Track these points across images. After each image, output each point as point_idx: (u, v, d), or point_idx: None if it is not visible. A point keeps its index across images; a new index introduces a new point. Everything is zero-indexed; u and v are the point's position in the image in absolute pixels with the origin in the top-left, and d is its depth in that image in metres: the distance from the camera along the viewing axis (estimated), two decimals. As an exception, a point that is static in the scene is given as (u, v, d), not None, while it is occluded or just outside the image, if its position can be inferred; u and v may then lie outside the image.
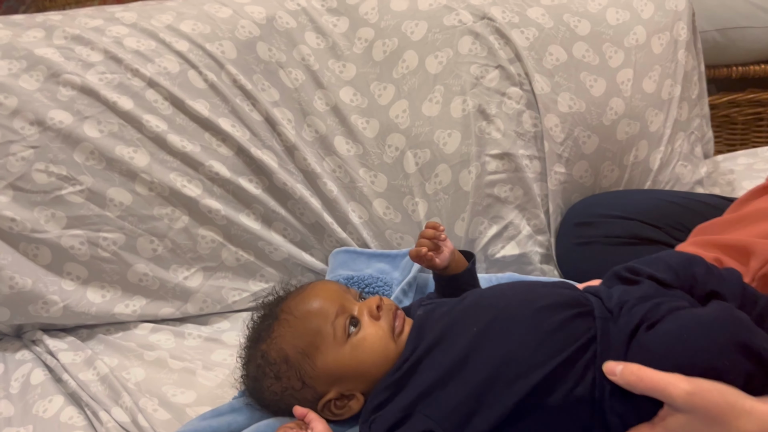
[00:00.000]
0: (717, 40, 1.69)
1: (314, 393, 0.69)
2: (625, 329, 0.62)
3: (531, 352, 0.62)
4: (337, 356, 0.68)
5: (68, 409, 0.80)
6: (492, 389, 0.62)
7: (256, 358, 0.71)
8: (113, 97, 0.96)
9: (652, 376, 0.57)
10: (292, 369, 0.68)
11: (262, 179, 1.01)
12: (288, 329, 0.69)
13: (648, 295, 0.64)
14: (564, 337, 0.63)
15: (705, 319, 0.59)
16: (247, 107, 1.02)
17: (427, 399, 0.64)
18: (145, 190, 0.96)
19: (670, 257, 0.69)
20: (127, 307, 0.96)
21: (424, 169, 1.03)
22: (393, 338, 0.69)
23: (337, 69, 1.07)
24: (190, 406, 0.80)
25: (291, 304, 0.71)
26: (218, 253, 1.00)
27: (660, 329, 0.60)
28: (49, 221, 0.93)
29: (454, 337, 0.66)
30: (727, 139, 1.86)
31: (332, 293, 0.72)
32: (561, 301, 0.66)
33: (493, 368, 0.63)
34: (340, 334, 0.68)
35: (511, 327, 0.65)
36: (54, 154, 0.93)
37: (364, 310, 0.71)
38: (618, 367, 0.60)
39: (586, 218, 1.00)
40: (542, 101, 1.04)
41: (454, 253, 0.82)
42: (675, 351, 0.58)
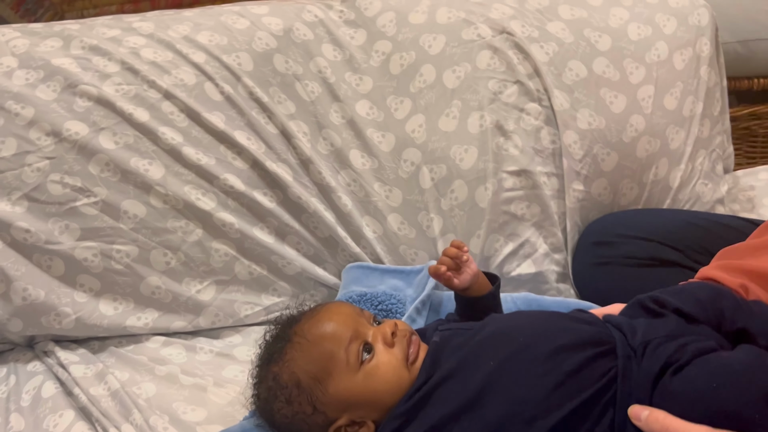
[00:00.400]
0: (739, 52, 1.67)
1: (325, 419, 0.68)
2: (650, 372, 0.60)
3: (549, 393, 0.61)
4: (350, 383, 0.67)
5: (79, 424, 0.80)
6: (508, 428, 0.61)
7: (268, 380, 0.70)
8: (129, 108, 0.96)
9: (677, 426, 0.56)
10: (303, 394, 0.68)
11: (276, 193, 1.01)
12: (300, 353, 0.68)
13: (673, 333, 0.62)
14: (583, 379, 0.61)
15: (735, 368, 0.57)
16: (263, 120, 1.01)
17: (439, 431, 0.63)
18: (159, 203, 0.96)
19: (698, 290, 0.67)
20: (139, 320, 0.96)
21: (440, 184, 1.02)
22: (407, 366, 0.68)
23: (354, 82, 1.06)
24: (201, 425, 0.80)
25: (305, 327, 0.70)
26: (231, 266, 0.99)
27: (686, 375, 0.58)
28: (63, 233, 0.93)
29: (470, 371, 0.65)
30: (747, 152, 1.83)
31: (346, 317, 0.71)
32: (582, 338, 0.64)
33: (510, 407, 0.61)
34: (353, 361, 0.68)
35: (530, 365, 0.63)
36: (69, 165, 0.93)
37: (378, 336, 0.70)
38: (644, 413, 0.58)
39: (604, 237, 0.98)
40: (561, 117, 1.03)
41: (477, 275, 0.81)
42: (702, 400, 0.56)
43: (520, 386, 0.62)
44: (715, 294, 0.66)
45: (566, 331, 0.66)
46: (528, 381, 0.62)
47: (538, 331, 0.67)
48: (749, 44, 1.67)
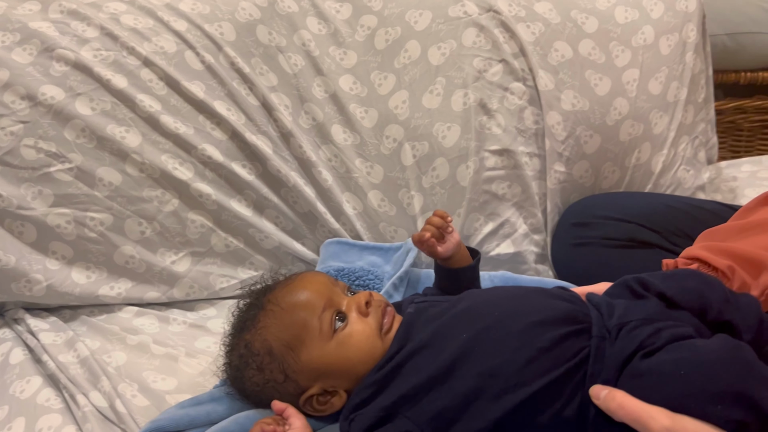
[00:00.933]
0: (726, 45, 1.67)
1: (297, 387, 0.67)
2: (621, 354, 0.59)
3: (519, 369, 0.60)
4: (322, 351, 0.66)
5: (46, 390, 0.78)
6: (476, 401, 0.60)
7: (240, 348, 0.69)
8: (107, 74, 0.94)
9: (633, 405, 0.55)
10: (275, 361, 0.67)
11: (255, 165, 0.99)
12: (273, 320, 0.67)
13: (651, 317, 0.61)
14: (555, 357, 0.60)
15: (706, 357, 0.55)
16: (244, 91, 1.00)
17: (409, 402, 0.62)
18: (135, 171, 0.94)
19: (687, 277, 0.65)
20: (112, 290, 0.94)
21: (422, 162, 1.01)
22: (380, 336, 0.68)
23: (338, 56, 1.05)
24: (170, 394, 0.78)
25: (278, 294, 0.69)
26: (207, 238, 0.98)
27: (656, 359, 0.57)
28: (36, 198, 0.91)
29: (443, 342, 0.64)
30: (731, 146, 1.84)
31: (320, 286, 0.70)
32: (557, 315, 0.63)
33: (480, 380, 0.60)
34: (327, 329, 0.67)
35: (502, 339, 0.62)
36: (44, 130, 0.91)
37: (352, 305, 0.69)
38: (603, 392, 0.57)
39: (583, 219, 0.98)
40: (545, 98, 1.02)
41: (459, 246, 0.80)
42: (666, 385, 0.55)
43: (492, 359, 0.62)
44: (703, 284, 0.64)
45: (542, 307, 0.65)
46: (500, 355, 0.62)
47: (513, 305, 0.66)
48: (737, 37, 1.67)
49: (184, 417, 0.69)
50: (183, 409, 0.70)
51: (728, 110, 1.78)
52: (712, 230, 0.79)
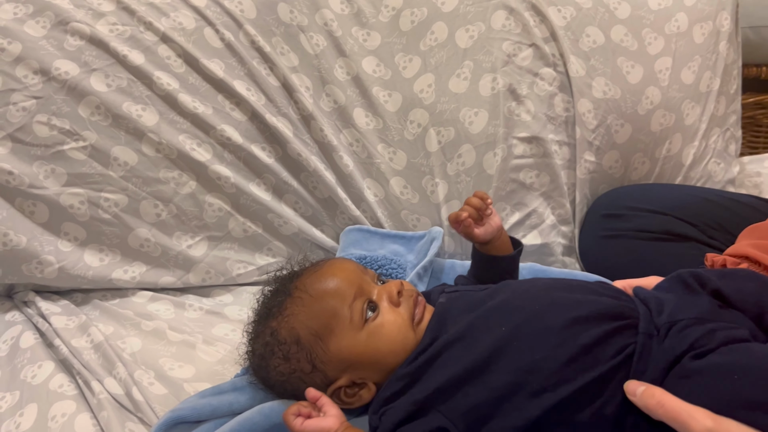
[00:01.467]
0: (749, 38, 1.63)
1: (324, 378, 0.64)
2: (670, 353, 0.56)
3: (560, 366, 0.57)
4: (352, 342, 0.63)
5: (59, 376, 0.75)
6: (513, 397, 0.57)
7: (265, 336, 0.66)
8: (124, 50, 0.90)
9: (673, 404, 0.51)
10: (302, 351, 0.64)
11: (275, 148, 0.96)
12: (302, 308, 0.64)
13: (703, 316, 0.58)
14: (598, 354, 0.57)
15: (762, 363, 0.52)
16: (264, 71, 0.96)
17: (443, 396, 0.59)
18: (152, 151, 0.91)
19: (746, 278, 0.61)
20: (126, 273, 0.91)
21: (447, 148, 0.98)
22: (412, 327, 0.65)
23: (361, 37, 1.01)
24: (189, 382, 0.75)
25: (306, 281, 0.66)
26: (225, 222, 0.94)
27: (707, 361, 0.54)
28: (48, 177, 0.88)
29: (480, 334, 0.61)
30: (750, 141, 1.81)
31: (350, 273, 0.67)
32: (601, 311, 0.60)
33: (518, 375, 0.57)
34: (357, 319, 0.64)
35: (542, 334, 0.59)
36: (57, 106, 0.88)
37: (383, 294, 0.66)
38: (639, 388, 0.54)
39: (615, 210, 0.94)
40: (576, 85, 0.99)
41: (500, 231, 0.77)
42: (716, 387, 0.52)
43: (531, 355, 0.58)
44: (763, 287, 0.60)
45: (585, 301, 0.61)
46: (540, 350, 0.58)
47: (554, 299, 0.63)
48: (761, 30, 1.63)
49: (206, 406, 0.66)
50: (204, 398, 0.67)
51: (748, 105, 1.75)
52: (757, 226, 0.75)
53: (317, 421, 0.59)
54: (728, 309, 0.59)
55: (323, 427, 0.59)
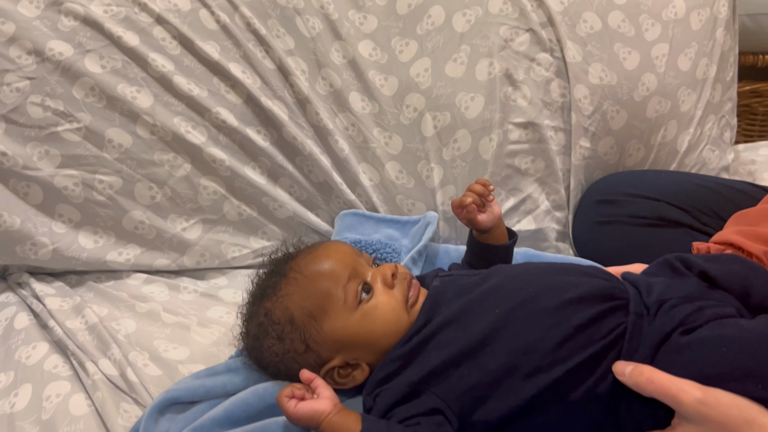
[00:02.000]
0: (746, 25, 1.63)
1: (318, 358, 0.65)
2: (661, 330, 0.58)
3: (554, 347, 0.58)
4: (346, 323, 0.64)
5: (53, 357, 0.75)
6: (509, 378, 0.58)
7: (259, 316, 0.66)
8: (118, 31, 0.90)
9: (663, 379, 0.53)
10: (296, 331, 0.64)
11: (270, 131, 0.96)
12: (296, 288, 0.65)
13: (692, 295, 0.59)
14: (591, 334, 0.59)
15: (751, 336, 0.54)
16: (260, 53, 0.96)
17: (437, 378, 0.60)
18: (146, 133, 0.90)
19: (731, 261, 0.63)
20: (120, 255, 0.91)
21: (443, 133, 0.98)
22: (406, 309, 0.65)
23: (358, 20, 1.01)
24: (183, 363, 0.76)
25: (301, 262, 0.66)
26: (220, 205, 0.94)
27: (697, 335, 0.55)
28: (42, 158, 0.87)
29: (474, 317, 0.62)
30: (745, 130, 1.81)
31: (345, 256, 0.67)
32: (593, 293, 0.61)
33: (513, 357, 0.59)
34: (351, 300, 0.64)
35: (536, 316, 0.60)
36: (51, 87, 0.87)
37: (378, 276, 0.66)
38: (628, 368, 0.55)
39: (609, 196, 0.95)
40: (573, 70, 0.99)
41: (499, 220, 0.77)
42: (705, 360, 0.54)
43: (526, 336, 0.60)
44: (748, 269, 0.62)
45: (578, 283, 0.63)
46: (534, 332, 0.60)
47: (548, 282, 0.64)
48: (758, 18, 1.63)
49: (200, 387, 0.66)
50: (199, 379, 0.67)
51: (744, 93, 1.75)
52: (744, 213, 0.76)
53: (310, 403, 0.59)
54: (715, 289, 0.61)
55: (316, 409, 0.59)
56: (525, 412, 0.58)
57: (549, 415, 0.59)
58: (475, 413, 0.60)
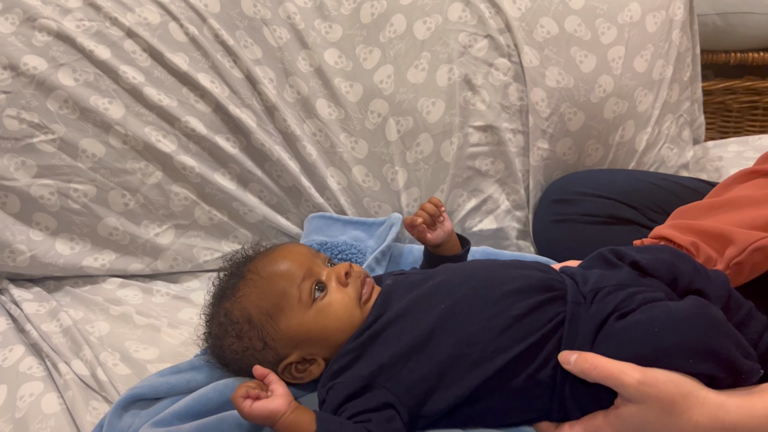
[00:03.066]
0: (717, 25, 1.66)
1: (275, 355, 0.68)
2: (597, 317, 0.62)
3: (496, 336, 0.62)
4: (301, 320, 0.67)
5: (28, 359, 0.79)
6: (454, 369, 0.62)
7: (219, 316, 0.70)
8: (90, 45, 0.93)
9: (605, 364, 0.57)
10: (254, 329, 0.67)
11: (239, 138, 0.99)
12: (253, 289, 0.68)
13: (624, 282, 0.63)
14: (530, 323, 0.62)
15: (678, 315, 0.58)
16: (228, 64, 0.99)
17: (388, 372, 0.63)
18: (118, 143, 0.94)
19: (660, 250, 0.67)
20: (96, 261, 0.95)
21: (406, 137, 1.02)
22: (359, 305, 0.69)
23: (323, 29, 1.04)
24: (152, 363, 0.79)
25: (258, 264, 0.70)
26: (191, 211, 0.98)
27: (630, 319, 0.59)
28: (18, 169, 0.91)
29: (420, 312, 0.65)
30: (721, 126, 1.84)
31: (301, 256, 0.70)
32: (532, 284, 0.65)
33: (457, 348, 0.62)
34: (306, 298, 0.67)
35: (478, 308, 0.64)
36: (26, 100, 0.91)
37: (332, 275, 0.70)
38: (572, 356, 0.59)
39: (564, 195, 0.99)
40: (530, 74, 1.02)
41: (450, 235, 0.81)
42: (640, 342, 0.58)
43: (469, 328, 0.63)
44: (675, 256, 0.67)
45: (518, 276, 0.67)
46: (477, 323, 0.63)
47: (489, 276, 0.68)
48: (728, 17, 1.66)
49: (164, 384, 0.70)
50: (163, 377, 0.71)
51: (718, 91, 1.78)
52: (685, 208, 0.80)
53: (265, 403, 0.60)
54: (646, 277, 0.65)
55: (271, 409, 0.60)
56: (472, 400, 0.62)
57: (495, 401, 0.62)
58: (425, 405, 0.63)
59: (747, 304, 0.64)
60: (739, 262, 0.71)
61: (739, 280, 0.72)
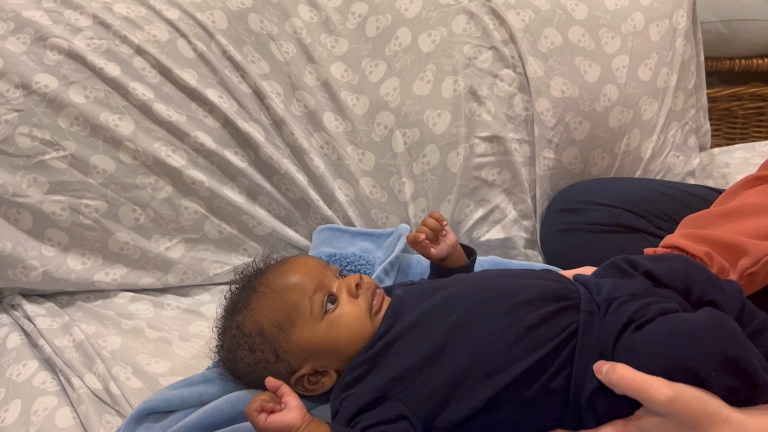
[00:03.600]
0: (721, 32, 1.67)
1: (288, 367, 0.69)
2: (613, 327, 0.61)
3: (509, 347, 0.62)
4: (313, 332, 0.68)
5: (42, 373, 0.80)
6: (467, 380, 0.62)
7: (232, 329, 0.70)
8: (100, 63, 0.95)
9: (634, 377, 0.57)
10: (266, 342, 0.68)
11: (248, 152, 1.01)
12: (265, 302, 0.69)
13: (639, 293, 0.63)
14: (543, 333, 0.62)
15: (695, 327, 0.58)
16: (236, 79, 1.01)
17: (401, 383, 0.64)
18: (128, 159, 0.95)
19: (673, 260, 0.67)
20: (108, 276, 0.96)
21: (413, 148, 1.02)
22: (370, 317, 0.69)
23: (329, 44, 1.06)
24: (164, 376, 0.80)
25: (270, 277, 0.71)
26: (201, 225, 0.99)
27: (648, 331, 0.59)
28: (31, 186, 0.92)
29: (433, 323, 0.65)
30: (727, 133, 1.85)
31: (312, 269, 0.71)
32: (544, 294, 0.65)
33: (470, 359, 0.62)
34: (317, 310, 0.68)
35: (491, 319, 0.64)
36: (38, 118, 0.92)
37: (342, 287, 0.70)
38: (605, 366, 0.59)
39: (571, 204, 0.99)
40: (534, 85, 1.03)
41: (454, 247, 0.82)
42: (661, 355, 0.58)
43: (481, 339, 0.63)
44: (689, 266, 0.67)
45: (530, 286, 0.67)
46: (489, 334, 0.63)
47: (501, 286, 0.68)
48: (731, 24, 1.67)
49: (177, 397, 0.70)
50: (175, 389, 0.71)
51: (723, 97, 1.79)
52: (694, 216, 0.80)
53: (280, 416, 0.60)
54: (660, 287, 0.65)
55: (287, 423, 0.60)
56: (486, 410, 0.62)
57: (509, 411, 0.62)
58: (439, 417, 0.63)
59: (761, 315, 0.64)
60: (753, 272, 0.71)
61: (751, 290, 0.72)
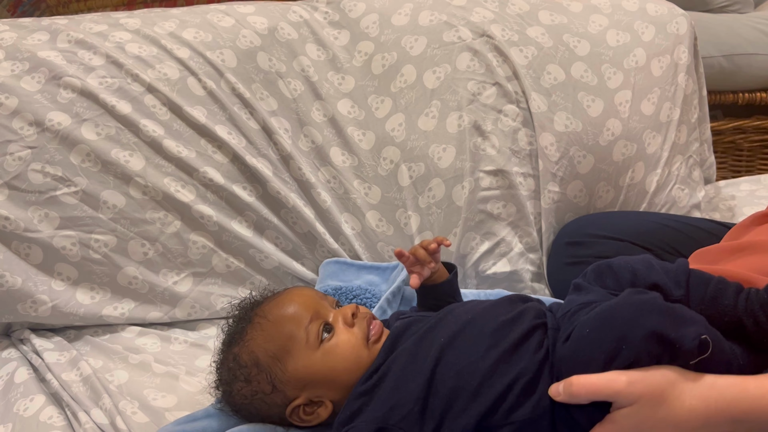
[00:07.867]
0: (723, 66, 1.69)
1: (284, 397, 0.69)
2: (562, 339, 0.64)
3: (494, 363, 0.63)
4: (309, 361, 0.68)
5: (48, 408, 0.80)
6: (459, 400, 0.63)
7: (228, 362, 0.71)
8: (112, 100, 0.97)
9: (591, 380, 0.57)
10: (262, 372, 0.68)
11: (256, 187, 1.02)
12: (260, 333, 0.69)
13: (590, 300, 0.65)
14: (523, 350, 0.64)
15: (605, 314, 0.59)
16: (245, 115, 1.02)
17: (400, 411, 0.64)
18: (138, 194, 0.97)
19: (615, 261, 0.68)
20: (116, 310, 0.96)
21: (418, 182, 1.04)
22: (366, 346, 0.70)
23: (336, 81, 1.08)
24: (170, 411, 0.80)
25: (266, 308, 0.71)
26: (209, 259, 1.00)
27: (572, 337, 0.61)
28: (42, 221, 0.94)
29: (424, 349, 0.67)
30: (732, 165, 1.85)
31: (307, 299, 0.72)
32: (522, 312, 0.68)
33: (459, 379, 0.63)
34: (313, 340, 0.69)
35: (476, 338, 0.66)
36: (51, 154, 0.94)
37: (338, 317, 0.71)
38: (559, 387, 0.60)
39: (577, 238, 0.99)
40: (538, 120, 1.04)
41: (436, 270, 0.83)
42: (584, 351, 0.59)
43: (468, 357, 0.65)
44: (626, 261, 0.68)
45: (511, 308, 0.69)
46: (476, 353, 0.65)
47: (485, 308, 0.70)
48: (734, 59, 1.69)
49: (180, 433, 0.70)
50: (179, 426, 0.71)
51: (728, 130, 1.80)
52: (704, 250, 0.80)
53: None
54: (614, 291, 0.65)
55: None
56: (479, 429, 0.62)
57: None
58: None
59: (714, 278, 0.64)
60: None
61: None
